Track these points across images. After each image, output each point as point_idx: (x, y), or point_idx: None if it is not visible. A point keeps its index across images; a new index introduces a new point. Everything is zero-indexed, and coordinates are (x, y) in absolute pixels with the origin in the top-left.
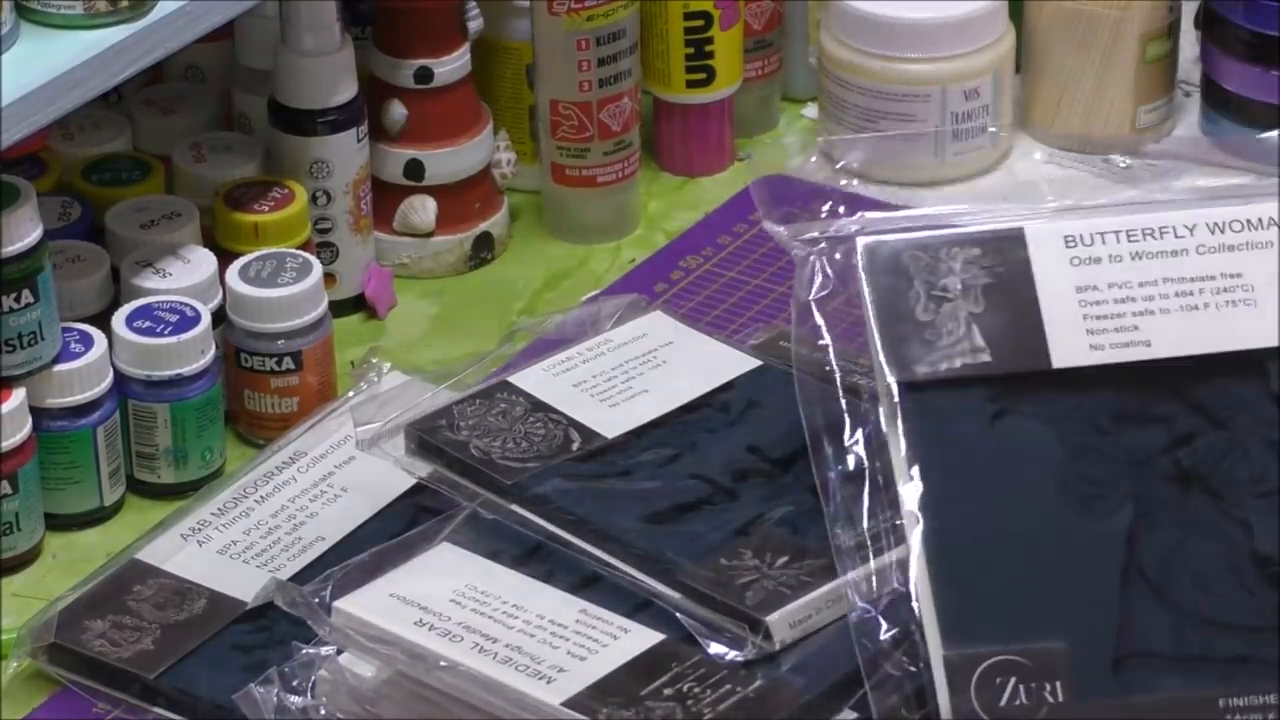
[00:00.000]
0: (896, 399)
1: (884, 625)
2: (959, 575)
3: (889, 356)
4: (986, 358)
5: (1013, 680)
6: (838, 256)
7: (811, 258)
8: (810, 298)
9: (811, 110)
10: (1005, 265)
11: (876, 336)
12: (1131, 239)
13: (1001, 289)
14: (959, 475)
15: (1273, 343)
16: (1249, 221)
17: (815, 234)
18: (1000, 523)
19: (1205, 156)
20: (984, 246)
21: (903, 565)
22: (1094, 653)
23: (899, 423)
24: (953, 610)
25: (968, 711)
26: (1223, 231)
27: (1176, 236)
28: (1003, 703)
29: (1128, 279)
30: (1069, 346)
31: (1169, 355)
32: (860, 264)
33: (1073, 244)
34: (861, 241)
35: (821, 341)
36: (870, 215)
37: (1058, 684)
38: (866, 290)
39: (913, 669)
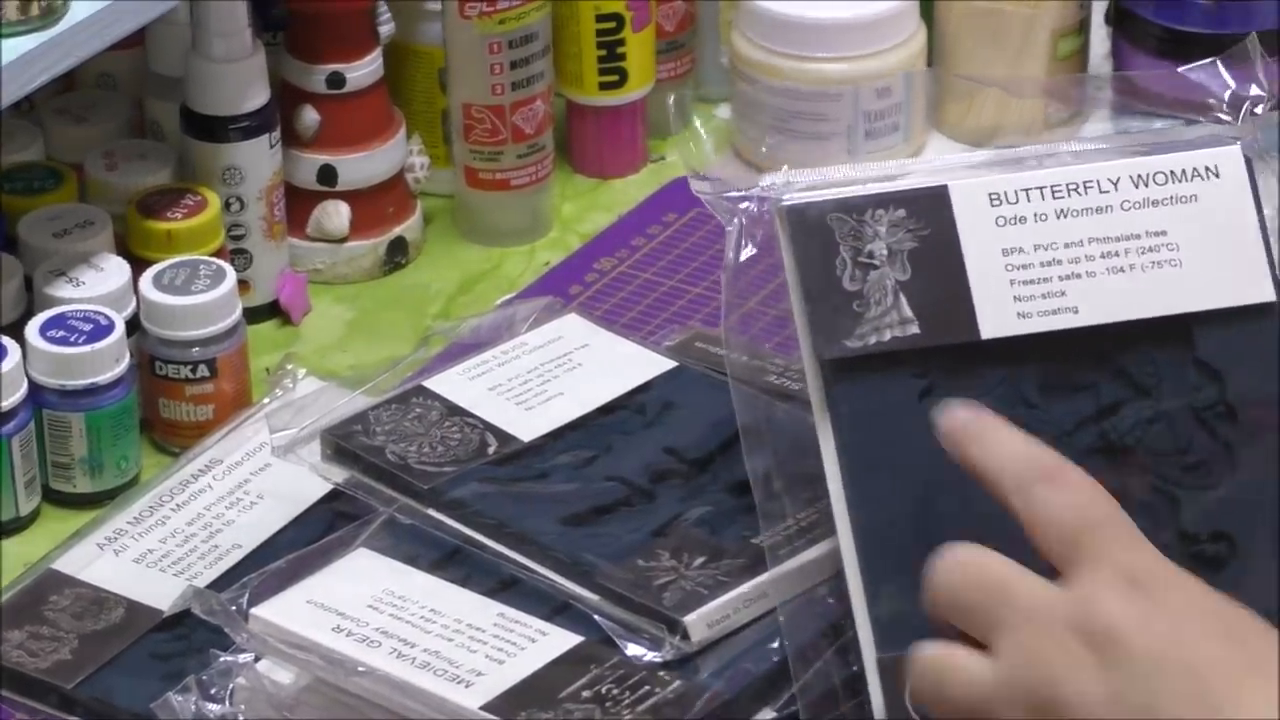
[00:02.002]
0: (823, 382)
1: (813, 616)
2: (890, 571)
3: (816, 332)
4: (915, 329)
5: None
6: (765, 218)
7: (736, 219)
8: (738, 262)
9: (724, 111)
10: (931, 227)
11: (802, 310)
12: (1056, 195)
13: (928, 254)
14: (888, 464)
15: (1197, 306)
16: (1173, 173)
17: (739, 192)
18: (931, 511)
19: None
20: (909, 206)
21: (833, 557)
22: None
23: (826, 409)
24: (885, 609)
25: (902, 712)
26: (1146, 185)
27: (1101, 191)
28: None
29: (1053, 239)
30: (997, 315)
31: (1096, 322)
32: (781, 230)
33: (997, 202)
34: (782, 205)
35: (746, 357)
36: (794, 173)
37: None
38: (790, 259)
39: (841, 658)
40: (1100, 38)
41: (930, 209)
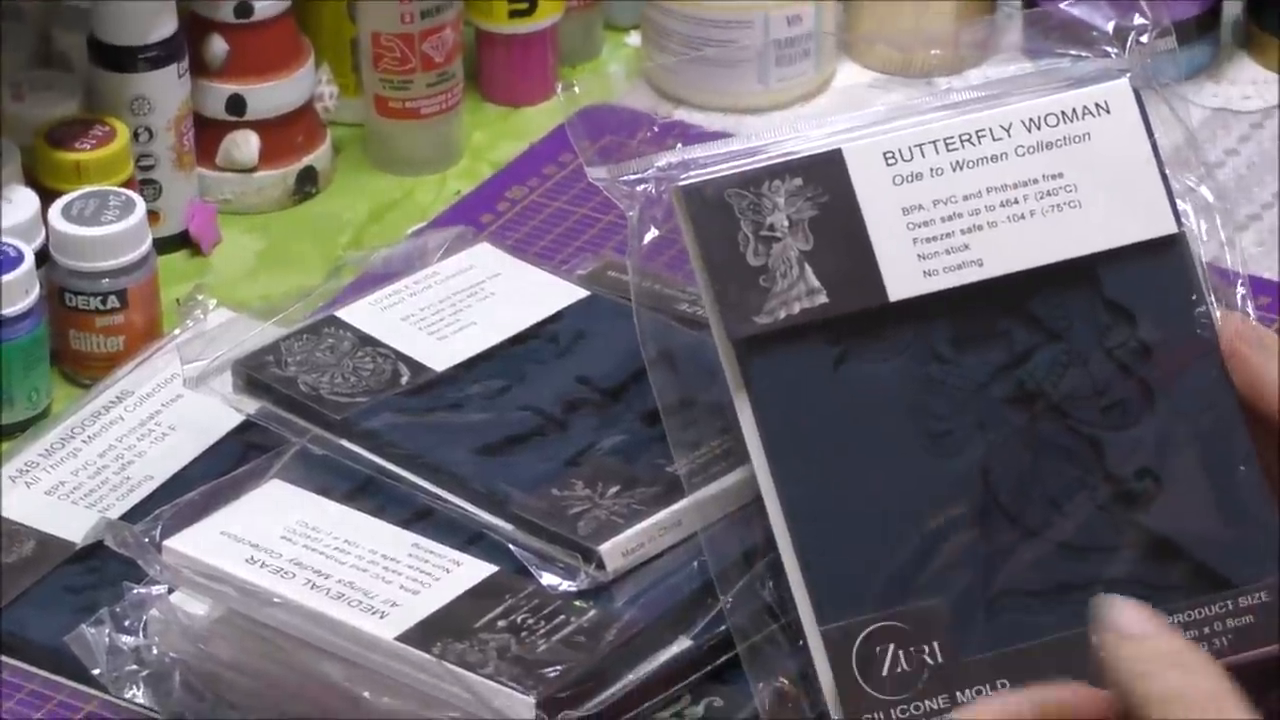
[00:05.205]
0: (737, 361)
1: (734, 537)
2: (825, 543)
3: (724, 311)
4: (824, 299)
5: (891, 647)
6: (663, 198)
7: (636, 204)
8: (643, 243)
9: (634, 38)
10: (829, 193)
11: (709, 290)
12: (950, 147)
13: (829, 220)
14: (811, 437)
15: (1101, 246)
16: (1064, 114)
17: (634, 175)
18: (858, 479)
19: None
20: (805, 174)
21: (749, 484)
22: (967, 602)
23: (743, 386)
24: (823, 582)
25: (851, 684)
26: (1039, 128)
27: (994, 139)
28: (884, 672)
29: (952, 193)
30: (903, 276)
31: (1002, 273)
32: (681, 212)
33: (893, 160)
34: (679, 186)
35: (657, 285)
36: (681, 152)
37: (935, 644)
38: (692, 240)
39: (769, 584)
40: None
41: (827, 175)
